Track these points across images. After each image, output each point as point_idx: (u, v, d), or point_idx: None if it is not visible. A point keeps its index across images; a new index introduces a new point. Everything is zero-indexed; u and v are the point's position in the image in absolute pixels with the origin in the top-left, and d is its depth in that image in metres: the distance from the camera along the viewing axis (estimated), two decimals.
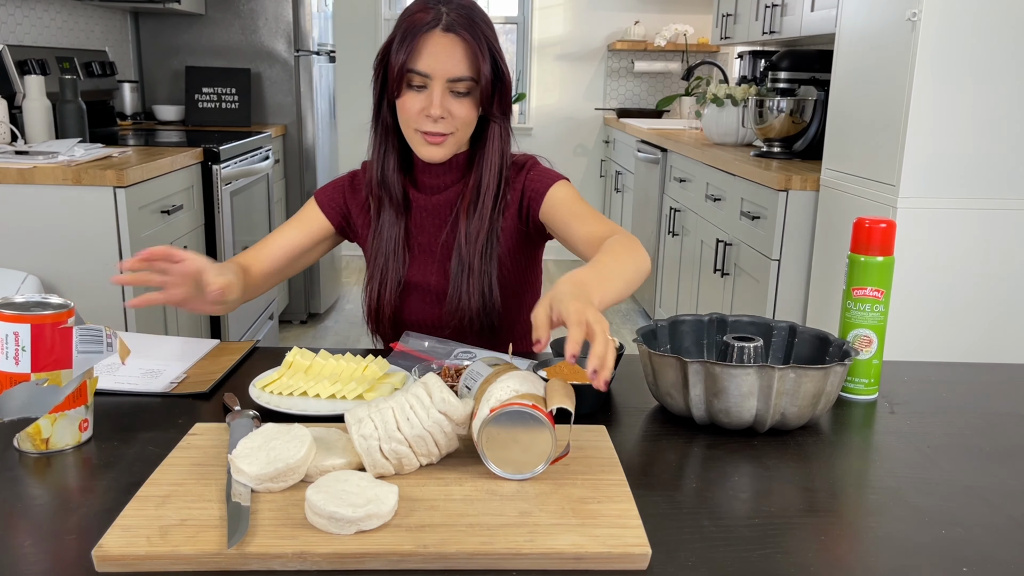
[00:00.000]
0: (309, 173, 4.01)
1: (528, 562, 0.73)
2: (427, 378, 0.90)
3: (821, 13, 2.99)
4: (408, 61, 1.26)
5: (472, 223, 1.35)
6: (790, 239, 2.63)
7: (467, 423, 0.89)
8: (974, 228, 2.13)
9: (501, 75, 1.30)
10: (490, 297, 1.36)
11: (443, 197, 1.39)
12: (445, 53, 1.25)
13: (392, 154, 1.38)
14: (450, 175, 1.38)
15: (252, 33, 3.84)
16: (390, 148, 1.38)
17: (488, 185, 1.35)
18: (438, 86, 1.26)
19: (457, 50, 1.26)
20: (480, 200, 1.35)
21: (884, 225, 1.11)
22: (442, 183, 1.39)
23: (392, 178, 1.38)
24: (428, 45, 1.25)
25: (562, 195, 1.34)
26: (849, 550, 0.78)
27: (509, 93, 1.34)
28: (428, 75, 1.26)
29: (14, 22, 2.91)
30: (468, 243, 1.36)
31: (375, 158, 1.39)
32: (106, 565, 0.72)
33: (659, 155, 3.99)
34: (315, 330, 4.11)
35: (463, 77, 1.26)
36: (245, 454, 0.83)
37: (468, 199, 1.36)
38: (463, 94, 1.28)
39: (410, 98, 1.28)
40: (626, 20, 5.51)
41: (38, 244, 2.26)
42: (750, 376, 0.97)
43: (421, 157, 1.34)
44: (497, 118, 1.34)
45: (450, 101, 1.27)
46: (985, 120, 2.06)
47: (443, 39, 1.25)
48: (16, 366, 0.90)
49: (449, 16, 1.26)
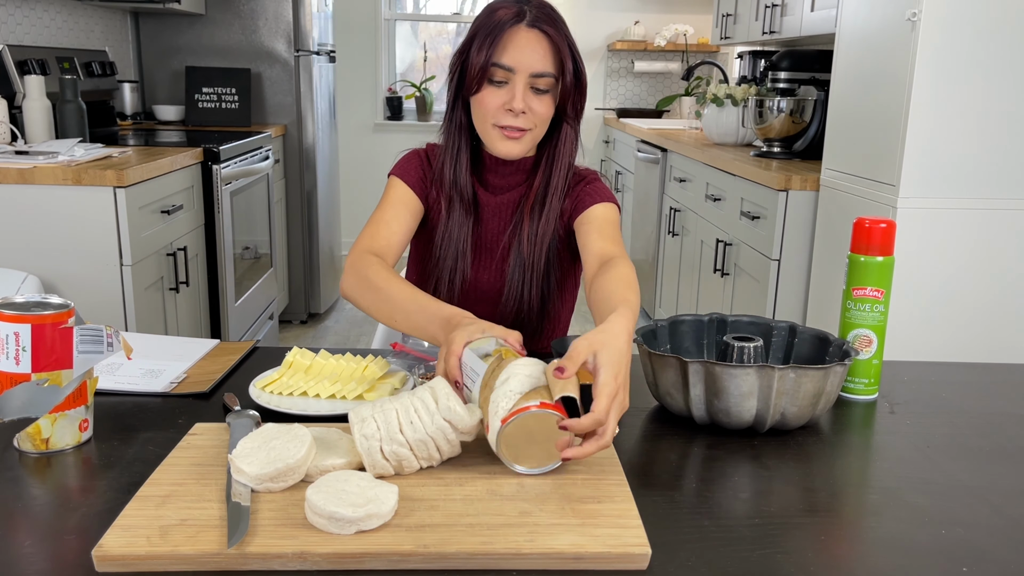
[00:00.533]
0: (309, 173, 4.01)
1: (528, 562, 0.73)
2: (436, 383, 0.90)
3: (821, 13, 2.99)
4: (493, 55, 1.26)
5: (538, 224, 1.35)
6: (790, 239, 2.63)
7: (473, 432, 0.89)
8: (974, 228, 2.13)
9: (580, 76, 1.31)
10: (549, 299, 1.38)
11: (508, 197, 1.39)
12: (530, 48, 1.26)
13: (465, 153, 1.37)
14: (517, 175, 1.38)
15: (252, 33, 3.84)
16: (463, 147, 1.37)
17: (556, 187, 1.36)
18: (521, 81, 1.26)
19: (541, 45, 1.26)
20: (547, 202, 1.36)
21: (884, 225, 1.11)
22: (509, 183, 1.39)
23: (464, 178, 1.37)
24: (513, 40, 1.26)
25: (601, 213, 1.34)
26: (849, 550, 0.78)
27: (584, 96, 1.34)
28: (512, 69, 1.26)
29: (14, 22, 2.91)
30: (531, 243, 1.36)
31: (448, 157, 1.38)
32: (106, 565, 0.72)
33: (659, 155, 3.99)
34: (315, 330, 4.11)
35: (546, 73, 1.27)
36: (245, 454, 0.83)
37: (533, 199, 1.36)
38: (543, 91, 1.28)
39: (490, 93, 1.28)
40: (626, 20, 5.51)
41: (38, 244, 2.26)
42: (750, 376, 0.97)
43: (496, 153, 1.33)
44: (571, 120, 1.34)
45: (531, 97, 1.28)
46: (985, 120, 2.06)
47: (528, 34, 1.26)
48: (17, 366, 0.90)
49: (532, 12, 1.27)
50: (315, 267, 4.14)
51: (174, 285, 2.63)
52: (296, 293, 4.12)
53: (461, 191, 1.37)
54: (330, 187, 4.37)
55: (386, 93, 5.59)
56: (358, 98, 5.55)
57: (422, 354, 1.24)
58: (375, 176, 5.54)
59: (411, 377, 1.11)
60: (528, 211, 1.36)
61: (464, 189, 1.37)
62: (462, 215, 1.37)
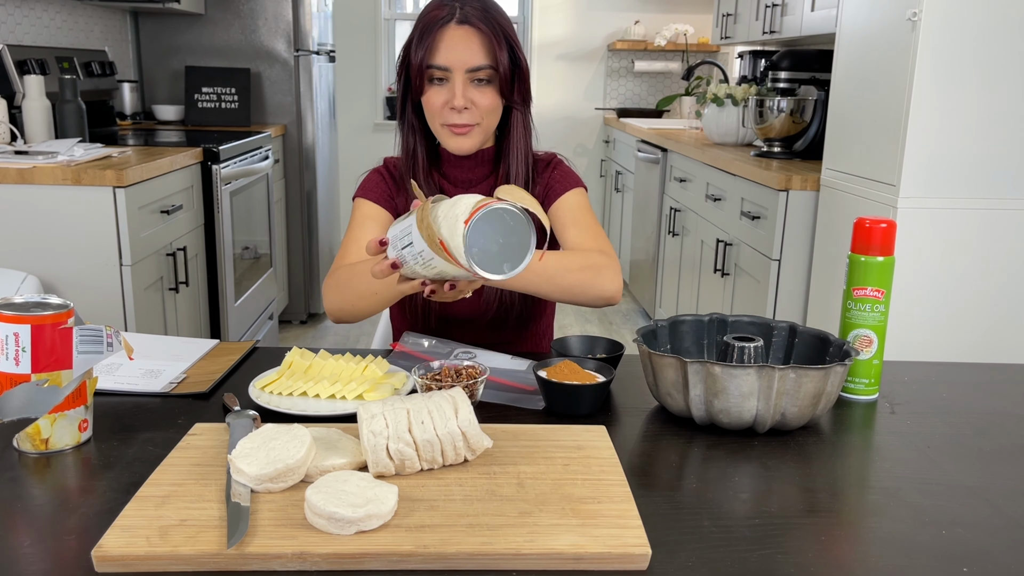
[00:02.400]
0: (309, 173, 4.01)
1: (528, 562, 0.73)
2: (456, 393, 0.90)
3: (821, 13, 2.98)
4: (427, 57, 1.29)
5: None
6: (790, 239, 2.63)
7: (478, 451, 0.88)
8: (974, 228, 2.13)
9: (519, 62, 1.33)
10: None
11: (476, 191, 1.40)
12: (462, 44, 1.28)
13: (422, 154, 1.39)
14: (480, 169, 1.40)
15: (252, 33, 3.84)
16: (418, 147, 1.39)
17: (517, 173, 1.38)
18: (458, 77, 1.28)
19: (473, 40, 1.28)
20: None
21: (884, 225, 1.11)
22: (474, 177, 1.41)
23: (428, 176, 1.39)
24: (444, 39, 1.28)
25: (574, 201, 1.37)
26: (849, 550, 0.78)
27: (528, 81, 1.36)
28: (447, 68, 1.28)
29: (14, 22, 2.90)
30: None
31: (404, 159, 1.40)
32: (106, 565, 0.72)
33: (659, 155, 3.99)
34: (315, 330, 4.11)
35: (482, 66, 1.29)
36: (245, 454, 0.83)
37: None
38: (484, 82, 1.30)
39: (433, 93, 1.31)
40: (626, 20, 5.51)
41: (38, 244, 2.26)
42: (750, 376, 0.97)
43: (450, 150, 1.36)
44: (518, 105, 1.36)
45: (472, 91, 1.30)
46: (985, 120, 2.06)
47: (458, 31, 1.28)
48: (16, 367, 0.90)
49: (463, 10, 1.29)
50: (315, 267, 4.14)
51: (174, 285, 2.62)
52: (296, 293, 4.12)
53: (425, 191, 1.38)
54: (330, 187, 4.37)
55: (386, 93, 5.59)
56: (358, 98, 5.55)
57: (422, 354, 1.24)
58: None
59: (411, 377, 1.10)
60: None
61: (428, 191, 1.38)
62: None
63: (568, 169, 1.42)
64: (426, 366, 1.08)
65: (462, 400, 0.89)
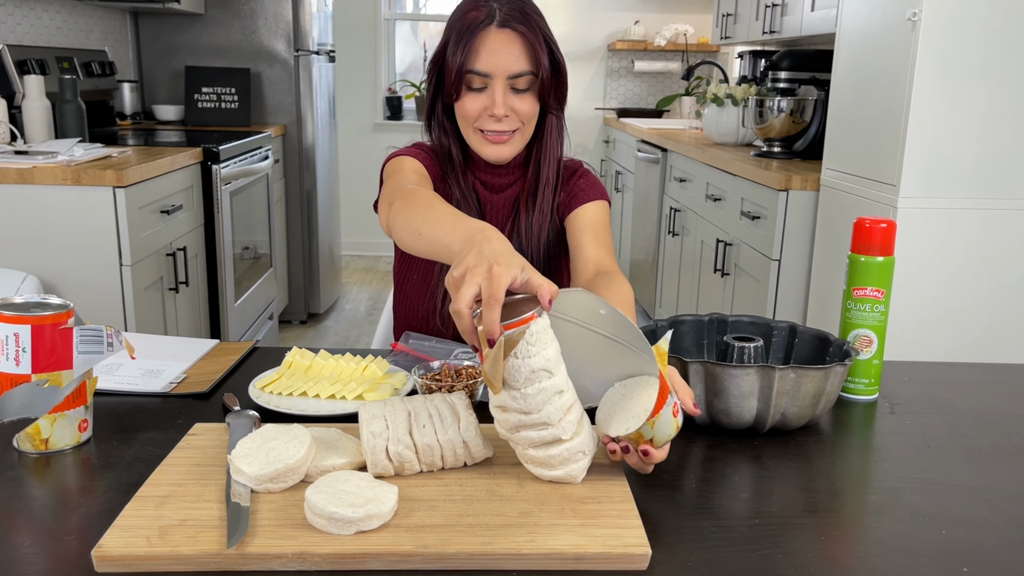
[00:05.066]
0: (309, 173, 4.01)
1: (528, 562, 0.73)
2: (458, 399, 0.90)
3: (821, 13, 2.98)
4: (467, 62, 1.23)
5: (533, 217, 1.34)
6: (790, 239, 2.63)
7: (478, 460, 0.89)
8: (974, 228, 2.13)
9: (559, 66, 1.29)
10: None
11: (507, 194, 1.38)
12: (503, 49, 1.23)
13: (457, 154, 1.36)
14: (513, 173, 1.37)
15: (252, 33, 3.84)
16: (453, 148, 1.35)
17: (547, 179, 1.34)
18: (499, 84, 1.24)
19: (515, 45, 1.24)
20: (540, 194, 1.34)
21: (884, 225, 1.11)
22: (505, 181, 1.38)
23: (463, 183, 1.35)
24: (485, 43, 1.23)
25: (595, 213, 1.34)
26: (849, 550, 0.78)
27: (566, 83, 1.31)
28: (488, 74, 1.24)
29: (14, 22, 2.90)
30: (527, 238, 1.34)
31: (441, 160, 1.36)
32: (106, 565, 0.72)
33: (659, 155, 3.99)
34: (315, 330, 4.11)
35: (524, 72, 1.24)
36: (244, 454, 0.83)
37: (527, 193, 1.35)
38: (524, 90, 1.26)
39: (470, 99, 1.26)
40: (626, 20, 5.51)
41: (37, 244, 2.26)
42: (750, 376, 0.97)
43: (485, 158, 1.32)
44: (554, 110, 1.32)
45: (512, 98, 1.26)
46: (985, 120, 2.06)
47: (500, 35, 1.23)
48: (17, 367, 0.90)
49: (503, 12, 1.24)
50: (315, 267, 4.14)
51: (174, 285, 2.62)
52: (296, 293, 4.12)
53: (464, 189, 1.35)
54: (330, 187, 4.37)
55: (386, 93, 5.59)
56: (358, 98, 5.55)
57: (422, 354, 1.24)
58: (375, 176, 5.53)
59: (411, 377, 1.10)
60: (524, 205, 1.35)
61: (465, 189, 1.35)
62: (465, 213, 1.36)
63: (596, 180, 1.39)
64: (426, 366, 1.08)
65: (464, 407, 0.89)
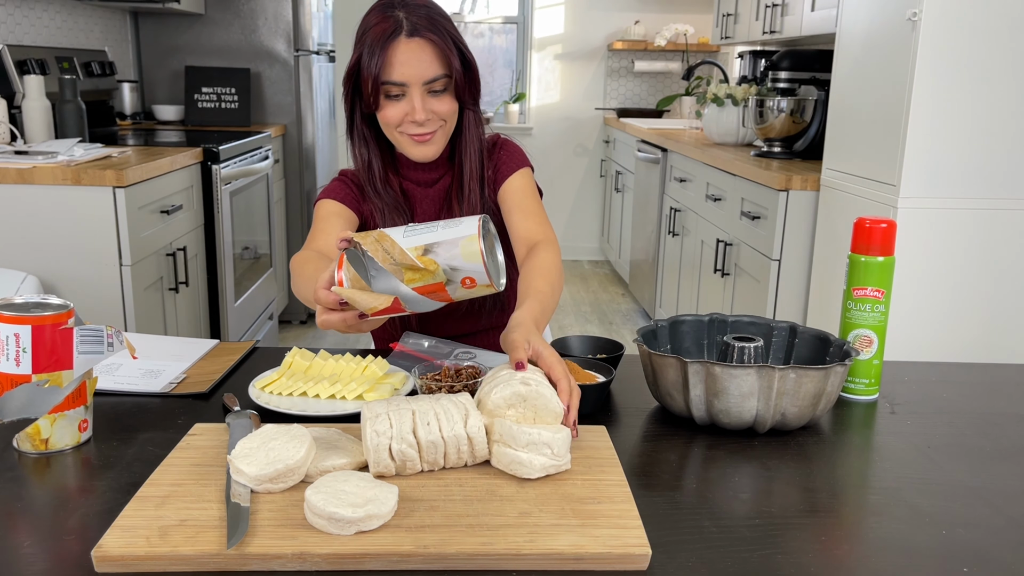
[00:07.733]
0: (309, 173, 4.01)
1: (528, 562, 0.73)
2: (466, 400, 0.90)
3: (821, 13, 2.98)
4: (382, 74, 1.26)
5: (464, 208, 1.38)
6: (790, 239, 2.63)
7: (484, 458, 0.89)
8: (974, 228, 2.13)
9: (469, 64, 1.33)
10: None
11: (438, 188, 1.41)
12: (416, 58, 1.26)
13: (377, 163, 1.38)
14: (440, 168, 1.40)
15: (252, 33, 3.84)
16: (372, 158, 1.38)
17: (471, 171, 1.38)
18: (416, 91, 1.27)
19: (426, 52, 1.26)
20: (465, 186, 1.38)
21: (884, 225, 1.11)
22: (434, 176, 1.41)
23: (385, 187, 1.38)
24: (397, 54, 1.25)
25: (520, 184, 1.37)
26: (849, 551, 0.78)
27: (478, 79, 1.35)
28: (404, 83, 1.26)
29: (13, 22, 2.90)
30: None
31: (361, 169, 1.39)
32: (106, 565, 0.72)
33: (659, 155, 3.99)
34: (315, 330, 4.11)
35: (438, 76, 1.27)
36: (244, 455, 0.83)
37: (456, 186, 1.39)
38: (440, 91, 1.29)
39: (390, 108, 1.29)
40: (626, 20, 5.51)
41: (38, 244, 2.26)
42: (750, 376, 0.97)
43: (412, 158, 1.35)
44: (471, 105, 1.37)
45: (430, 101, 1.29)
46: (985, 120, 2.06)
47: (411, 44, 1.25)
48: (17, 367, 0.90)
49: (410, 21, 1.26)
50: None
51: (174, 285, 2.62)
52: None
53: (386, 199, 1.38)
54: None
55: None
56: None
57: (422, 354, 1.24)
58: None
59: (411, 377, 1.10)
60: (454, 197, 1.39)
61: (389, 197, 1.38)
62: (396, 218, 1.38)
63: (515, 147, 1.42)
64: (426, 366, 1.08)
65: (471, 406, 0.89)
